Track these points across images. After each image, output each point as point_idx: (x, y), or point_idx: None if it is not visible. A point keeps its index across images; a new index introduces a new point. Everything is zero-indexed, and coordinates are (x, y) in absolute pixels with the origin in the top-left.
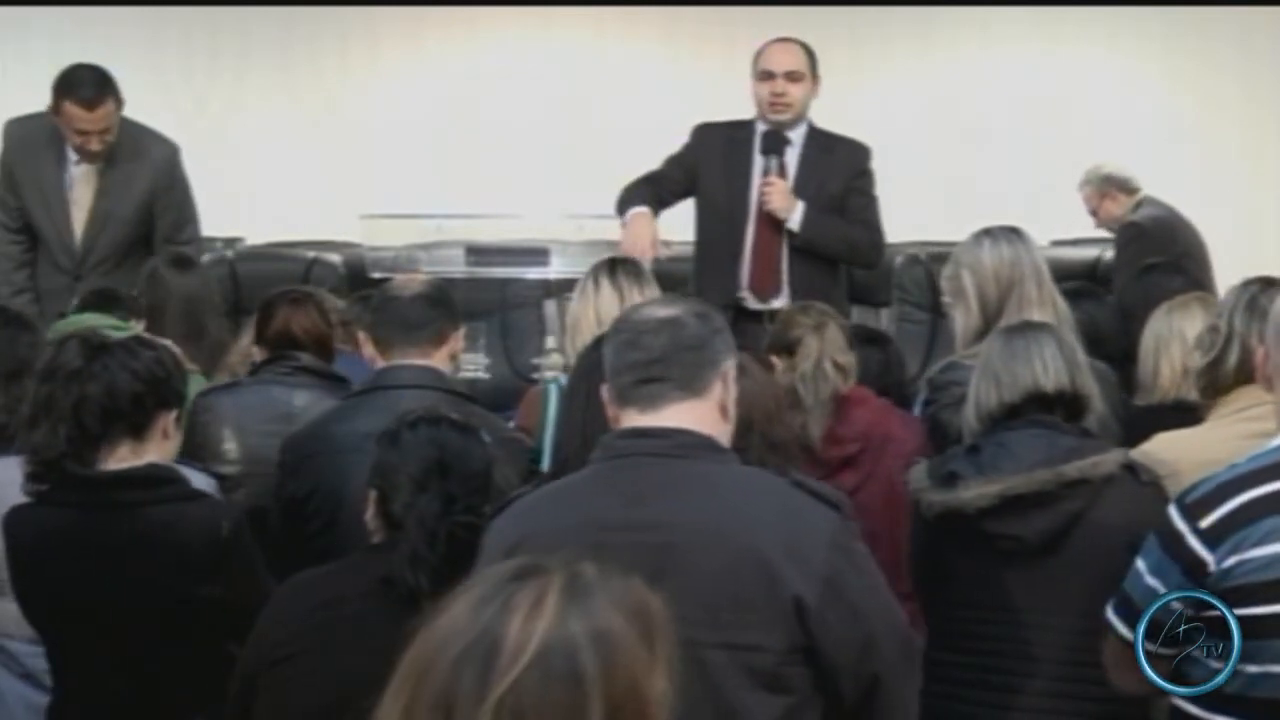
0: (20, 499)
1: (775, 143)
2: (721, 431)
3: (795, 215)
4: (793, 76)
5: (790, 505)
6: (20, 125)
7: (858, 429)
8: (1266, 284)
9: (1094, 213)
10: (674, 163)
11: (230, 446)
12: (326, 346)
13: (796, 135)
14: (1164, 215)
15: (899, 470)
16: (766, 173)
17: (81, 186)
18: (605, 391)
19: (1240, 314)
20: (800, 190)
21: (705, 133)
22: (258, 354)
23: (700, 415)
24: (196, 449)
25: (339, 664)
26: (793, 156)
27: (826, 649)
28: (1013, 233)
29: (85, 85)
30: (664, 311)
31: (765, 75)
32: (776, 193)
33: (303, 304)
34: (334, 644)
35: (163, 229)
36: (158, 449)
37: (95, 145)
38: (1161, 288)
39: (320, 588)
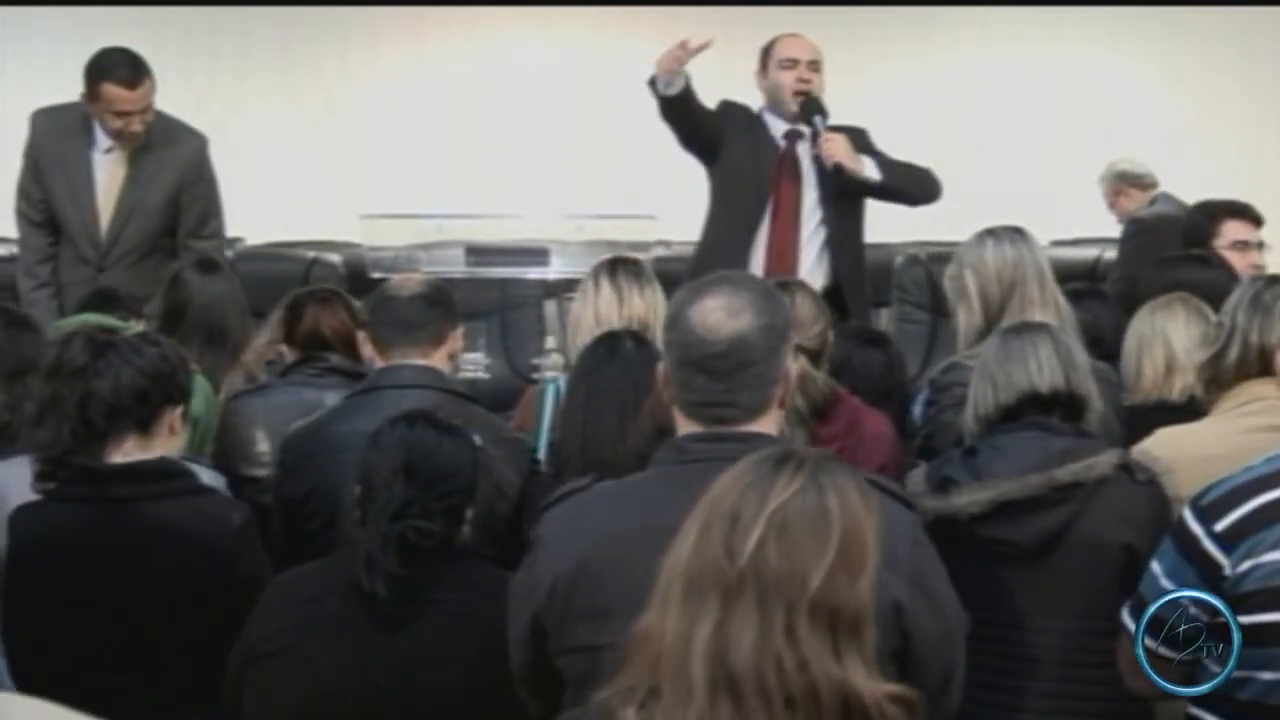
0: (24, 498)
1: (816, 106)
2: (777, 421)
3: (868, 166)
4: (815, 66)
5: None
6: (48, 115)
7: (837, 428)
8: (1271, 281)
9: (1111, 208)
10: (708, 113)
11: (264, 449)
12: (355, 346)
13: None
14: (1172, 213)
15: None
16: (816, 134)
17: (110, 175)
18: (663, 380)
19: (1243, 310)
20: (824, 180)
21: (733, 107)
22: (288, 354)
23: (765, 422)
24: (229, 451)
25: (316, 661)
26: (805, 148)
27: (917, 646)
28: (1016, 233)
29: (122, 66)
30: (731, 325)
31: (789, 63)
32: (838, 145)
33: (331, 303)
34: (312, 641)
35: (187, 222)
36: (164, 445)
37: (138, 125)
38: (1185, 281)
39: (304, 585)
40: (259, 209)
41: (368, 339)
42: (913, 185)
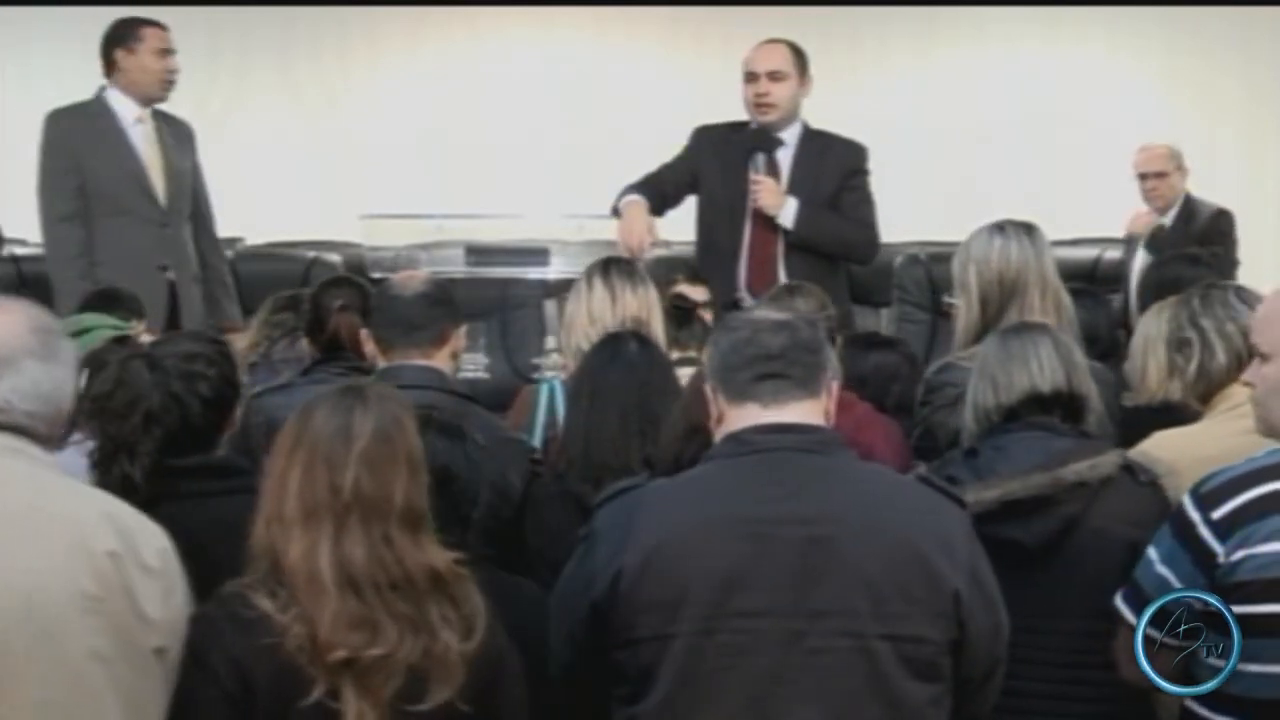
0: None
1: (765, 142)
2: (826, 415)
3: (788, 212)
4: (775, 76)
5: (929, 500)
6: (65, 111)
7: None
8: (1207, 289)
9: (1159, 174)
10: (677, 162)
11: None
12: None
13: (790, 135)
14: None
15: None
16: (754, 171)
17: (148, 142)
18: (711, 387)
19: (1204, 317)
20: (795, 190)
21: (704, 134)
22: (309, 353)
23: (819, 414)
24: (248, 450)
25: None
26: (786, 156)
27: (971, 637)
28: (1025, 231)
29: (141, 17)
30: (778, 315)
31: (749, 77)
32: (765, 190)
33: (348, 311)
34: None
35: (200, 206)
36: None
37: (174, 64)
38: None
39: None
40: (259, 209)
41: (369, 337)
42: (833, 243)
